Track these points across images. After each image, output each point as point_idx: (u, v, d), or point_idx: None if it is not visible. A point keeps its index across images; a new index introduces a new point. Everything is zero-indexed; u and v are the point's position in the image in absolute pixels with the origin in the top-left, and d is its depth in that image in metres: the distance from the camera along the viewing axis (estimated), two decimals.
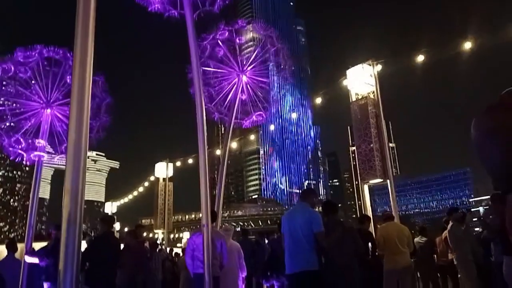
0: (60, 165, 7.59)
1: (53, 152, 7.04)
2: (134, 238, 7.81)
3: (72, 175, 3.25)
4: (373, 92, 11.19)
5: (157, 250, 10.00)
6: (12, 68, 6.83)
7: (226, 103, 8.88)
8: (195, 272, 5.95)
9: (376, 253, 6.87)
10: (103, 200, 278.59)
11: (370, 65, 11.21)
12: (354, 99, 11.69)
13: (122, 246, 7.61)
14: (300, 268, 4.52)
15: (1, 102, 6.57)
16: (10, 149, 6.54)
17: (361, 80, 11.27)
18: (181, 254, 19.24)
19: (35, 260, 6.98)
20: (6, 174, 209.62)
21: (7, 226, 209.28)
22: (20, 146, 6.61)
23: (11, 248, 7.72)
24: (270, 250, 8.17)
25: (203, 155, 6.17)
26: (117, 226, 41.39)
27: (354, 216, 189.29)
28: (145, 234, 47.11)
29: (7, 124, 6.58)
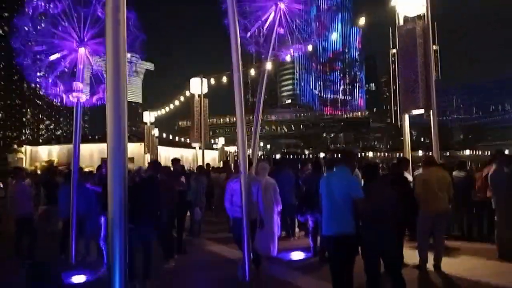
0: (98, 105, 7.67)
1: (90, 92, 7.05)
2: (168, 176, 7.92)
3: (114, 121, 3.20)
4: (423, 15, 10.15)
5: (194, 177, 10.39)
6: (43, 4, 6.57)
7: (262, 33, 8.39)
8: (234, 216, 6.22)
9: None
10: (141, 101, 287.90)
11: None
12: (402, 22, 10.69)
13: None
14: (337, 230, 4.59)
15: (33, 44, 6.43)
16: (48, 91, 6.57)
17: (410, 1, 10.19)
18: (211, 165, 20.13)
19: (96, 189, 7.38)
20: None
21: (53, 125, 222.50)
22: (58, 88, 6.63)
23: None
24: (304, 187, 8.34)
25: (239, 109, 6.05)
26: (156, 132, 43.02)
27: (388, 120, 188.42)
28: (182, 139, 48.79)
29: (42, 65, 6.51)
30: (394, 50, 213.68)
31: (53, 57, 6.68)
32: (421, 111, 10.25)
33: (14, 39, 6.31)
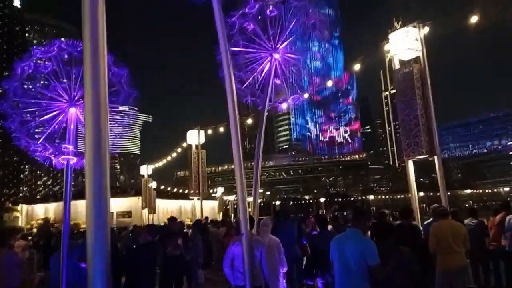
0: None
1: (82, 153, 6.73)
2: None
3: (94, 187, 2.64)
4: (419, 59, 10.13)
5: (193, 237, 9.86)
6: (32, 65, 6.39)
7: (258, 84, 8.22)
8: (236, 283, 5.70)
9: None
10: (139, 152, 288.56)
11: (415, 27, 10.06)
12: (397, 66, 10.65)
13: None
14: None
15: (22, 106, 6.19)
16: (37, 154, 6.24)
17: (405, 46, 10.19)
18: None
19: None
20: None
21: (50, 180, 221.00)
22: (47, 152, 6.31)
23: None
24: (311, 247, 7.82)
25: (237, 153, 5.70)
26: (154, 184, 42.45)
27: (386, 162, 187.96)
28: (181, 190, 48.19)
29: (30, 128, 6.22)
30: (387, 93, 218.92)
31: (42, 118, 6.42)
32: (425, 156, 9.97)
33: (1, 102, 6.08)
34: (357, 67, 14.24)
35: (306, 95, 10.14)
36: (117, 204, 57.10)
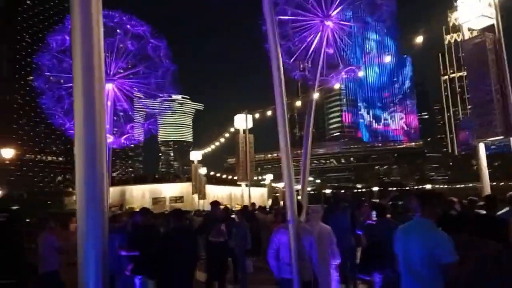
0: (127, 145, 6.99)
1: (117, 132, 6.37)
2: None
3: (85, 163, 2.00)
4: (493, 27, 8.80)
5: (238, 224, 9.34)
6: (67, 38, 6.04)
7: (308, 57, 7.43)
8: (281, 276, 5.06)
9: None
10: (191, 140, 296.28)
11: None
12: (467, 36, 9.36)
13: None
14: None
15: (55, 81, 5.87)
16: (73, 132, 5.93)
17: (477, 12, 8.89)
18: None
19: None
20: None
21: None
22: None
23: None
24: (367, 237, 6.96)
25: (284, 140, 5.00)
26: (203, 170, 42.84)
27: (444, 150, 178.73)
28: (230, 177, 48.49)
29: (65, 105, 5.90)
30: (446, 77, 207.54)
31: None
32: (500, 137, 8.71)
33: (36, 78, 5.80)
34: (415, 45, 12.90)
35: (361, 73, 9.22)
36: (170, 190, 58.90)
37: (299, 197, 7.33)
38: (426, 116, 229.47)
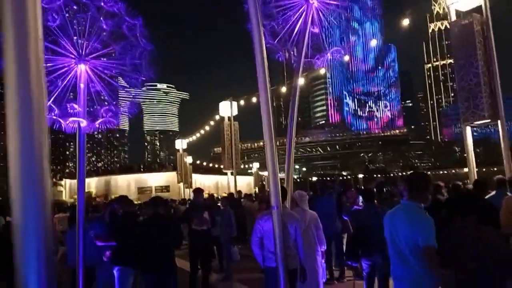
0: (102, 130, 6.65)
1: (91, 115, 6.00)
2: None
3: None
4: (480, 9, 8.64)
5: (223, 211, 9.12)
6: None
7: (292, 38, 7.13)
8: (266, 265, 4.85)
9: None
10: (177, 129, 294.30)
11: None
12: (454, 18, 9.18)
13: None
14: None
15: None
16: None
17: None
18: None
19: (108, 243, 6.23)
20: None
21: (94, 157, 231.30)
22: (53, 113, 5.59)
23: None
24: (354, 223, 6.81)
25: (266, 117, 4.74)
26: (189, 159, 42.47)
27: (428, 137, 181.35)
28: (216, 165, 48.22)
29: None
30: (429, 65, 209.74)
31: (49, 76, 5.69)
32: (487, 121, 8.62)
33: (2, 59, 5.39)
34: (400, 29, 12.73)
35: (346, 57, 9.00)
36: (155, 179, 58.41)
37: (284, 185, 7.12)
38: (410, 104, 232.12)
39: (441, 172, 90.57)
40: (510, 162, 8.34)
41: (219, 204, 12.32)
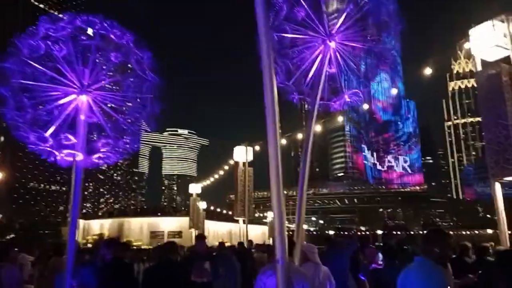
0: (100, 166, 6.26)
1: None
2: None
3: None
4: (509, 58, 8.21)
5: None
6: (42, 45, 5.43)
7: (308, 79, 6.77)
8: None
9: None
10: (195, 174, 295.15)
11: (503, 21, 8.20)
12: (480, 67, 8.75)
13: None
14: None
15: (19, 87, 5.20)
16: (34, 146, 5.18)
17: (491, 43, 8.32)
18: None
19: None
20: None
21: (112, 198, 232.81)
22: (48, 144, 5.24)
23: None
24: (375, 284, 6.04)
25: (274, 153, 4.23)
26: (203, 204, 41.84)
27: (449, 195, 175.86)
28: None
29: (27, 114, 5.19)
30: (450, 122, 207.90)
31: (45, 106, 5.41)
32: None
33: (1, 85, 5.16)
34: (420, 83, 12.38)
35: (365, 106, 8.63)
36: (168, 224, 57.47)
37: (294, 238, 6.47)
38: (431, 161, 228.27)
39: (463, 232, 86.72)
40: None
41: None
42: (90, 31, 5.73)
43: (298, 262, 5.69)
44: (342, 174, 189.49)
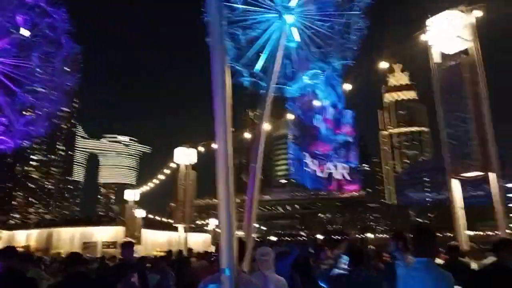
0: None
1: None
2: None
3: None
4: (470, 49, 7.87)
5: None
6: None
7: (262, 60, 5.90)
8: None
9: None
10: (135, 183, 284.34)
11: (463, 11, 7.89)
12: (439, 60, 8.37)
13: None
14: None
15: None
16: None
17: (452, 34, 7.94)
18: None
19: None
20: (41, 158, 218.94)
21: (43, 208, 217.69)
22: None
23: None
24: None
25: (223, 146, 3.26)
26: (142, 213, 39.72)
27: (383, 200, 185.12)
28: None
29: None
30: (385, 132, 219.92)
31: None
32: (478, 173, 7.53)
33: None
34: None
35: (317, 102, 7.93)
36: (103, 234, 53.76)
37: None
38: (368, 168, 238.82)
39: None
40: (504, 220, 7.20)
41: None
42: None
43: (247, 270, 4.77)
44: (286, 181, 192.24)
